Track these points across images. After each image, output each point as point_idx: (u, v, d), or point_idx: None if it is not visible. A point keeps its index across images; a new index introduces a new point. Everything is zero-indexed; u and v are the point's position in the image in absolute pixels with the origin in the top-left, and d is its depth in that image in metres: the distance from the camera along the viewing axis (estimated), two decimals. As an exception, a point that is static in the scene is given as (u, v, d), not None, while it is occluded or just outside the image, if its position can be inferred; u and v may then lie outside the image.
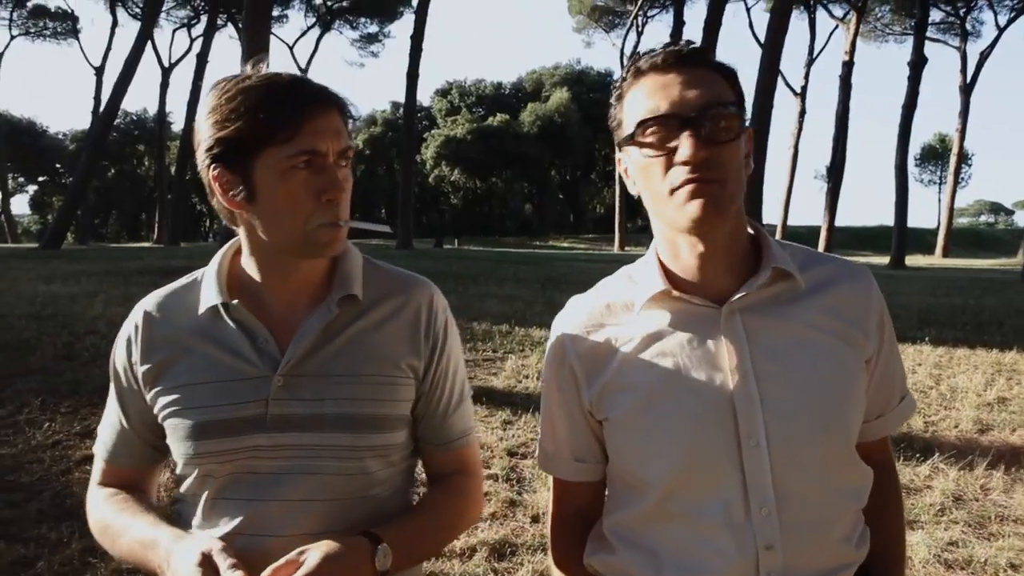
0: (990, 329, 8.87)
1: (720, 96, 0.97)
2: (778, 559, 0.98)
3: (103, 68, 36.41)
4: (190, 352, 1.07)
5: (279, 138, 0.97)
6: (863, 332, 1.04)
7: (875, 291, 1.07)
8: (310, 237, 1.01)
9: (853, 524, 1.05)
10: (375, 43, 43.55)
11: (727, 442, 0.99)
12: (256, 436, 1.03)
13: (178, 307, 1.11)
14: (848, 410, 1.02)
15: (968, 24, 36.48)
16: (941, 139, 66.83)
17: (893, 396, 1.12)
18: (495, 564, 3.08)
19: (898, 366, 1.13)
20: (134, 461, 1.16)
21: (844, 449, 1.02)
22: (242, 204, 1.02)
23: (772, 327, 1.02)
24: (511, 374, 6.32)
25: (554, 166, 58.93)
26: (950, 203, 36.50)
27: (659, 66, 0.98)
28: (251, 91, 0.98)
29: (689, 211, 0.95)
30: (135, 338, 1.11)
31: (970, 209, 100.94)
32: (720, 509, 0.99)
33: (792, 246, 1.11)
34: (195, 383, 1.05)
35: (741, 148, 0.99)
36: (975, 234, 56.48)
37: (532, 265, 18.61)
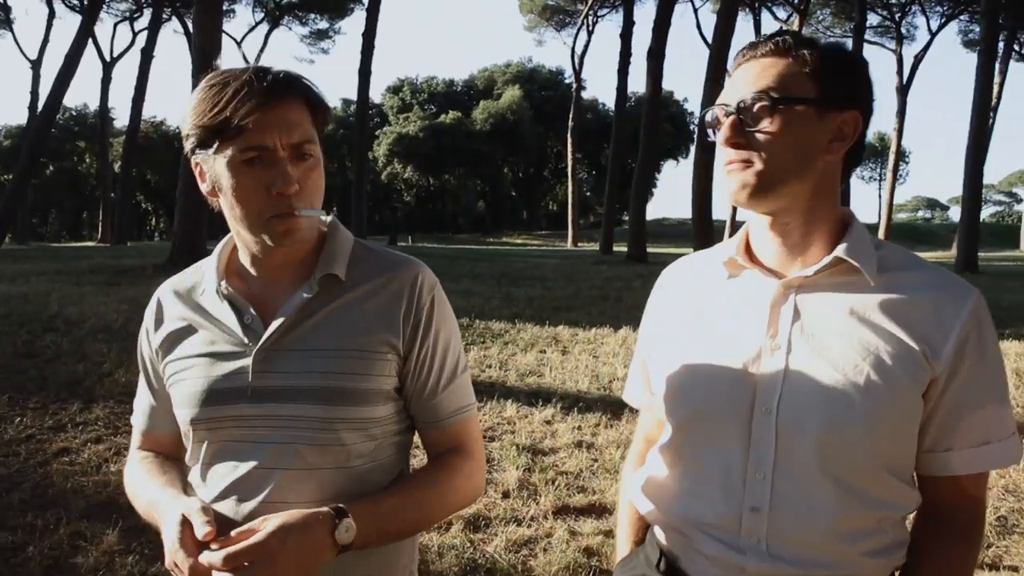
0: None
1: (764, 87, 1.02)
2: (762, 525, 1.02)
3: (40, 61, 35.09)
4: (192, 328, 1.17)
5: (228, 135, 1.03)
6: (931, 348, 1.00)
7: (967, 314, 1.00)
8: (265, 228, 1.07)
9: (860, 527, 1.02)
10: (325, 39, 43.08)
11: (742, 402, 1.05)
12: (239, 406, 1.10)
13: (187, 290, 1.22)
14: (868, 414, 0.99)
15: (903, 28, 37.93)
16: (880, 138, 69.14)
17: (968, 434, 1.03)
18: (471, 535, 3.28)
19: (988, 407, 1.03)
20: (163, 429, 1.26)
21: (859, 450, 1.00)
22: (214, 194, 1.11)
23: (823, 313, 1.04)
24: (474, 364, 6.51)
25: (507, 163, 59.20)
26: (889, 199, 37.93)
27: (741, 59, 1.08)
28: (211, 88, 1.04)
29: (729, 187, 1.06)
30: (152, 318, 1.23)
31: (908, 205, 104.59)
32: (720, 460, 1.06)
33: (896, 247, 1.10)
34: (192, 355, 1.15)
35: (790, 133, 1.01)
36: (913, 229, 58.74)
37: (487, 261, 18.80)
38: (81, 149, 54.43)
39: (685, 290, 1.21)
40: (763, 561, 1.03)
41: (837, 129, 1.04)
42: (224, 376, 1.11)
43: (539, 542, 3.23)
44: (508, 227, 57.73)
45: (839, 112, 1.03)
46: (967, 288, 1.03)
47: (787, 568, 1.03)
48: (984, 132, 20.63)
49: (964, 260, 19.64)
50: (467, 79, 62.64)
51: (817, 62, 1.02)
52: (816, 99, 1.02)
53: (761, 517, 1.03)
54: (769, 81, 1.02)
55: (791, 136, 1.02)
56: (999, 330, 5.43)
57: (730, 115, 1.04)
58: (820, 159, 1.04)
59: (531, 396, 5.48)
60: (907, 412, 1.01)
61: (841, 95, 1.03)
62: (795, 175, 1.03)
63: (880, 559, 1.04)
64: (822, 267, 1.05)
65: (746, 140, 1.03)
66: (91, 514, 3.37)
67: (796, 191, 1.04)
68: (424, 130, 51.83)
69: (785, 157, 1.02)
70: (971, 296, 1.02)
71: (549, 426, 4.83)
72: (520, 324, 8.50)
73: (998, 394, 1.04)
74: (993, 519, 3.47)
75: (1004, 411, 1.05)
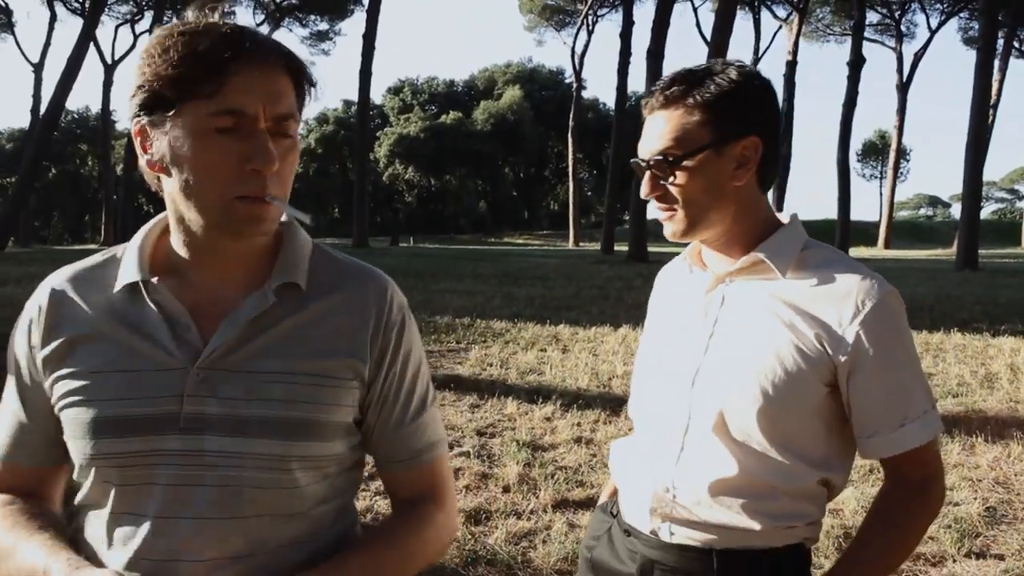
0: (921, 313, 9.46)
1: (664, 145, 1.15)
2: (669, 476, 1.19)
3: (42, 64, 35.27)
4: (98, 335, 0.91)
5: (202, 92, 0.82)
6: (832, 341, 1.10)
7: (872, 307, 1.09)
8: (227, 211, 0.86)
9: (752, 491, 1.14)
10: (326, 41, 43.23)
11: (672, 375, 1.23)
12: (166, 438, 0.88)
13: (90, 284, 0.95)
14: (761, 393, 1.11)
15: (903, 26, 38.07)
16: (881, 135, 69.23)
17: (887, 420, 1.11)
18: (472, 528, 3.36)
19: (897, 391, 1.11)
20: (36, 460, 0.98)
21: (756, 421, 1.12)
22: (161, 167, 0.88)
23: (743, 302, 1.19)
24: (475, 363, 6.60)
25: (507, 163, 59.35)
26: (890, 197, 38.05)
27: (644, 109, 1.22)
28: (182, 36, 0.84)
29: (665, 230, 1.21)
30: (38, 318, 0.94)
31: (910, 202, 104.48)
32: (656, 421, 1.26)
33: (826, 249, 1.20)
34: (100, 371, 0.90)
35: (698, 178, 1.15)
36: (914, 226, 58.82)
37: (489, 261, 18.88)
38: (83, 152, 54.72)
39: (661, 286, 1.42)
40: (666, 505, 1.19)
41: (739, 156, 1.16)
42: (146, 399, 0.88)
43: (539, 534, 3.31)
44: (509, 227, 57.80)
45: (738, 140, 1.15)
46: (879, 285, 1.12)
47: (683, 512, 1.18)
48: (984, 129, 20.69)
49: (965, 257, 19.69)
50: (467, 79, 62.87)
51: (705, 106, 1.14)
52: (711, 143, 1.14)
53: (668, 468, 1.20)
54: (667, 138, 1.15)
55: (698, 182, 1.15)
56: (993, 326, 5.55)
57: (646, 171, 1.19)
58: (729, 187, 1.17)
59: (532, 393, 5.57)
60: (804, 397, 1.12)
61: (734, 127, 1.15)
62: (714, 210, 1.17)
63: (772, 524, 1.14)
64: (742, 265, 1.19)
65: (664, 191, 1.18)
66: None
67: (719, 219, 1.19)
68: (425, 131, 51.97)
69: (699, 200, 1.17)
70: (877, 292, 1.11)
71: (549, 423, 4.92)
72: (521, 323, 8.58)
73: (906, 376, 1.12)
74: (982, 509, 3.55)
75: (915, 392, 1.13)
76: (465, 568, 3.01)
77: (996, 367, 6.57)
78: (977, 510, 3.51)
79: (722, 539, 1.16)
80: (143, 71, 0.85)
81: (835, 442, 1.16)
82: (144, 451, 0.88)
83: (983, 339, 7.81)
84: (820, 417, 1.14)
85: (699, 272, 1.28)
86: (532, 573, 2.98)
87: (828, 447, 1.16)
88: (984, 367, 6.62)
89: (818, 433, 1.15)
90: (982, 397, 5.63)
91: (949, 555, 3.13)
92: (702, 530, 1.17)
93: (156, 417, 0.88)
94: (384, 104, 59.94)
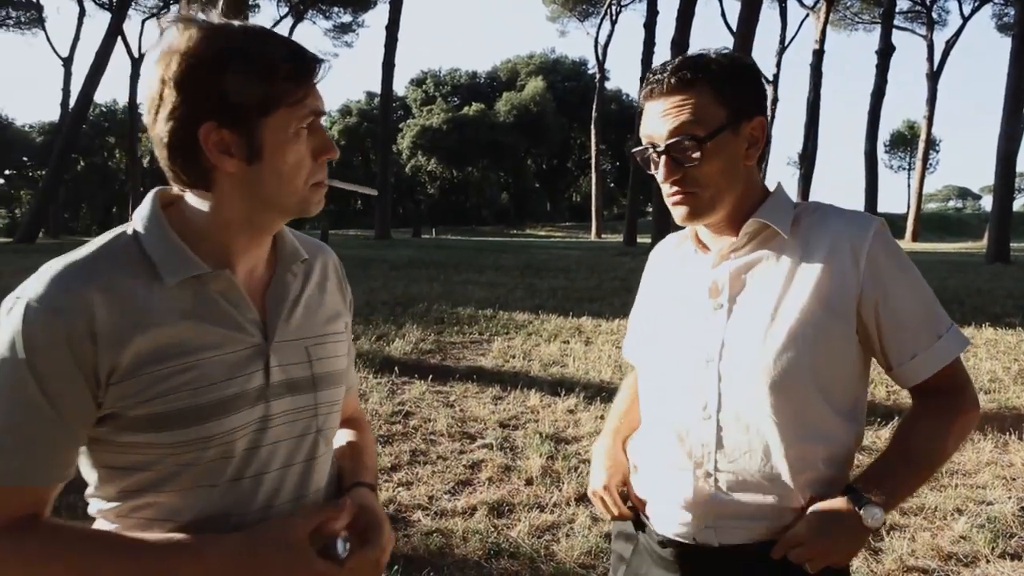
0: (951, 307, 9.32)
1: (685, 127, 1.15)
2: (711, 459, 1.18)
3: (71, 59, 35.83)
4: (169, 326, 0.93)
5: (293, 98, 0.92)
6: (847, 277, 1.13)
7: (871, 242, 1.14)
8: (305, 197, 0.98)
9: (797, 460, 1.14)
10: (349, 33, 43.40)
11: (691, 356, 1.22)
12: (252, 410, 0.98)
13: (136, 279, 0.93)
14: (795, 355, 1.12)
15: (934, 13, 37.32)
16: (910, 126, 68.03)
17: (923, 336, 1.16)
18: (495, 521, 3.35)
19: (921, 309, 1.17)
20: (54, 474, 0.91)
21: (791, 377, 1.13)
22: (237, 164, 0.93)
23: (753, 272, 1.21)
24: (498, 355, 6.59)
25: (530, 155, 59.17)
26: (919, 188, 37.33)
27: (650, 95, 1.20)
28: (261, 45, 0.91)
29: (676, 214, 1.22)
30: (92, 318, 0.88)
31: (939, 194, 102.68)
32: (677, 406, 1.24)
33: (808, 205, 1.25)
34: (185, 361, 0.93)
35: (718, 159, 1.16)
36: (943, 218, 57.71)
37: (511, 253, 18.86)
38: (111, 145, 55.48)
39: (658, 267, 1.44)
40: (711, 492, 1.18)
41: (750, 136, 1.20)
42: (241, 378, 0.97)
43: (562, 527, 3.29)
44: (531, 219, 57.71)
45: (748, 121, 1.19)
46: (867, 218, 1.19)
47: (728, 502, 1.17)
48: (1017, 119, 20.19)
49: (996, 250, 19.28)
50: (490, 71, 62.66)
51: (718, 86, 1.16)
52: (728, 121, 1.16)
53: (710, 453, 1.19)
54: (688, 119, 1.15)
55: (720, 163, 1.17)
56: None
57: (662, 155, 1.18)
58: (742, 167, 1.20)
59: (554, 386, 5.54)
60: (836, 344, 1.15)
61: (745, 106, 1.18)
62: (729, 191, 1.20)
63: (817, 490, 1.16)
64: (746, 232, 1.21)
65: (683, 174, 1.18)
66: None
67: (730, 199, 1.21)
68: (447, 122, 51.97)
69: (720, 182, 1.18)
70: (872, 223, 1.17)
71: (572, 415, 4.89)
72: (543, 315, 8.56)
73: (925, 293, 1.19)
74: (1016, 509, 3.46)
75: (936, 305, 1.19)
76: (488, 561, 3.00)
77: (1030, 362, 6.42)
78: (1011, 510, 3.43)
79: (769, 526, 1.16)
80: (214, 78, 0.89)
81: (859, 389, 1.21)
82: (243, 424, 0.97)
83: (1016, 334, 7.66)
84: (850, 362, 1.17)
85: (700, 253, 1.30)
86: (555, 566, 2.96)
87: (856, 395, 1.20)
88: (1017, 363, 6.48)
89: (849, 380, 1.18)
90: (1016, 394, 5.51)
91: (982, 555, 3.06)
92: (748, 523, 1.17)
93: (250, 391, 0.98)
94: (407, 96, 60.00)
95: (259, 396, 0.99)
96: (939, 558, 3.04)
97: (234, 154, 0.92)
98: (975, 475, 3.94)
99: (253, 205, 0.97)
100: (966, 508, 3.49)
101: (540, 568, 2.95)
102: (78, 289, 0.88)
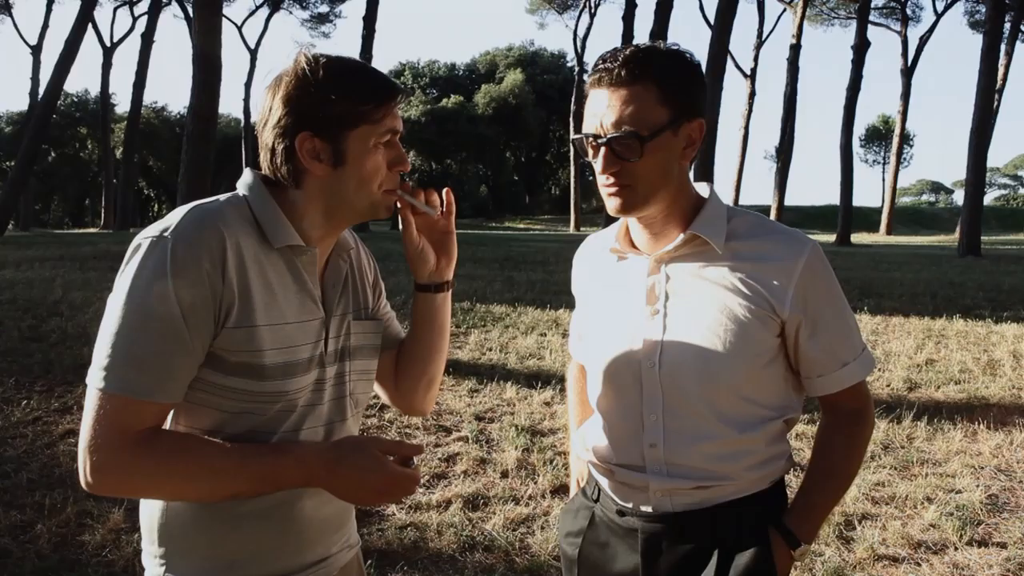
0: (923, 300, 9.45)
1: (628, 123, 1.16)
2: (660, 456, 1.28)
3: (40, 47, 34.95)
4: (271, 287, 1.10)
5: (374, 117, 1.12)
6: (775, 299, 1.21)
7: (803, 267, 1.21)
8: (378, 201, 1.17)
9: (736, 449, 1.26)
10: (326, 23, 42.93)
11: (633, 361, 1.29)
12: (312, 373, 1.16)
13: (249, 237, 1.10)
14: (731, 358, 1.21)
15: (908, 9, 37.62)
16: (884, 120, 68.79)
17: (830, 362, 1.26)
18: (470, 514, 3.34)
19: (836, 337, 1.26)
20: (177, 394, 1.05)
21: (725, 384, 1.23)
22: (325, 168, 1.12)
23: (687, 280, 1.26)
24: (475, 347, 6.57)
25: (509, 148, 59.02)
26: (893, 183, 37.74)
27: (598, 83, 1.20)
28: (355, 75, 1.12)
29: (609, 205, 1.24)
30: (226, 256, 1.04)
31: (913, 188, 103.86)
32: (624, 409, 1.31)
33: (746, 215, 1.30)
34: (278, 323, 1.10)
35: (656, 157, 1.19)
36: (917, 212, 58.57)
37: (489, 246, 18.83)
38: (83, 135, 54.36)
39: (589, 270, 1.46)
40: (663, 480, 1.28)
41: (688, 137, 1.23)
42: (312, 344, 1.16)
43: (537, 520, 3.29)
44: (510, 212, 57.59)
45: (689, 122, 1.22)
46: (801, 245, 1.24)
47: (683, 482, 1.27)
48: (988, 115, 20.51)
49: (967, 244, 19.60)
50: (469, 63, 62.30)
51: (664, 86, 1.18)
52: (669, 121, 1.19)
53: (658, 451, 1.28)
54: (630, 115, 1.17)
55: (657, 161, 1.20)
56: (996, 313, 5.56)
57: (602, 146, 1.20)
58: (676, 166, 1.24)
59: (531, 378, 5.54)
60: (762, 354, 1.24)
61: (687, 107, 1.21)
62: (662, 188, 1.23)
63: (757, 472, 1.29)
64: (679, 243, 1.26)
65: (620, 167, 1.21)
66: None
67: (663, 197, 1.25)
68: (426, 115, 51.64)
69: (655, 180, 1.22)
70: (804, 251, 1.23)
71: (548, 407, 4.89)
72: (521, 307, 8.55)
73: (843, 324, 1.28)
74: (984, 497, 3.52)
75: (852, 335, 1.30)
76: (462, 554, 2.99)
77: (998, 354, 6.54)
78: (979, 498, 3.49)
79: (717, 495, 1.27)
80: (315, 98, 1.09)
81: (791, 386, 1.32)
82: (305, 385, 1.15)
83: (986, 326, 7.77)
84: (777, 366, 1.28)
85: (633, 256, 1.33)
86: (530, 559, 2.95)
87: (787, 392, 1.31)
88: (987, 354, 6.58)
89: (777, 381, 1.29)
90: (984, 384, 5.60)
91: (951, 543, 3.11)
92: (703, 493, 1.27)
93: (315, 357, 1.16)
94: (385, 88, 59.39)
95: (318, 362, 1.17)
96: (909, 546, 3.08)
97: (323, 160, 1.12)
98: (945, 464, 4.00)
99: (333, 203, 1.15)
100: (936, 497, 3.54)
101: (515, 561, 2.95)
102: (216, 227, 1.05)
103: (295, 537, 1.18)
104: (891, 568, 2.94)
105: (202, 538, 1.12)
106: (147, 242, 1.03)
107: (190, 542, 1.12)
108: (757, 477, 1.29)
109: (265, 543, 1.15)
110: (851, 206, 28.90)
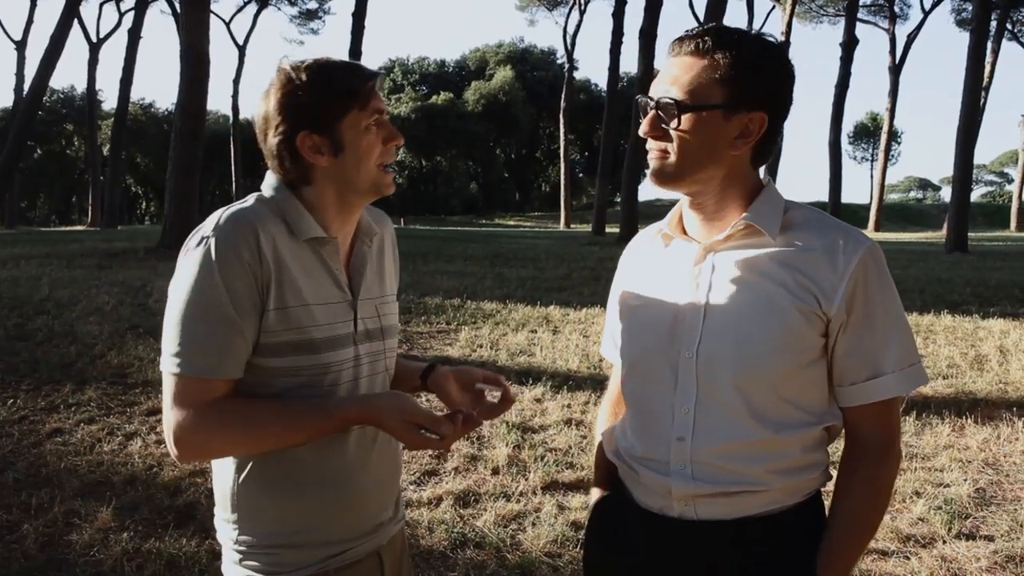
0: (911, 295, 9.49)
1: (675, 89, 1.15)
2: (686, 452, 1.21)
3: (25, 42, 34.54)
4: (302, 273, 1.23)
5: (360, 103, 1.23)
6: (823, 296, 1.15)
7: (857, 265, 1.15)
8: (379, 178, 1.27)
9: (766, 450, 1.18)
10: (315, 20, 42.71)
11: (671, 350, 1.23)
12: (349, 349, 1.28)
13: (279, 230, 1.22)
14: (770, 353, 1.15)
15: (896, 7, 37.85)
16: (872, 117, 69.13)
17: (862, 370, 1.17)
18: (461, 511, 3.33)
19: (875, 344, 1.17)
20: (237, 370, 1.20)
21: (763, 380, 1.17)
22: (327, 159, 1.24)
23: (735, 270, 1.20)
24: (465, 344, 6.56)
25: (499, 144, 59.02)
26: (881, 179, 37.95)
27: (670, 51, 1.21)
28: (333, 71, 1.23)
29: (651, 170, 1.22)
30: (261, 246, 1.18)
31: (900, 185, 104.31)
32: (657, 400, 1.25)
33: (805, 208, 1.24)
34: (312, 304, 1.23)
35: (697, 133, 1.15)
36: (905, 209, 58.92)
37: (480, 243, 18.81)
38: (69, 132, 53.90)
39: (636, 260, 1.42)
40: (686, 483, 1.21)
41: (743, 127, 1.18)
42: (343, 323, 1.27)
43: (528, 516, 3.29)
44: (501, 209, 57.53)
45: (746, 113, 1.17)
46: (858, 242, 1.17)
47: (706, 487, 1.20)
48: (975, 112, 20.64)
49: (955, 240, 19.72)
50: (459, 59, 62.29)
51: (729, 68, 1.14)
52: (722, 104, 1.15)
53: (684, 446, 1.21)
54: (682, 85, 1.16)
55: (698, 135, 1.16)
56: (983, 308, 5.56)
57: (650, 109, 1.19)
58: (726, 153, 1.19)
59: (522, 375, 5.53)
60: (804, 352, 1.18)
61: (748, 98, 1.16)
62: (702, 167, 1.19)
63: (788, 479, 1.21)
64: (731, 231, 1.21)
65: (662, 133, 1.18)
66: (85, 493, 3.40)
67: (705, 178, 1.20)
68: (416, 111, 51.53)
69: (693, 152, 1.17)
70: (860, 249, 1.16)
71: (539, 404, 4.89)
72: (511, 304, 8.54)
73: (891, 331, 1.18)
74: (972, 491, 3.55)
75: (899, 346, 1.19)
76: (453, 551, 2.98)
77: (986, 349, 6.58)
78: (967, 491, 3.51)
79: (748, 506, 1.20)
80: (304, 100, 1.21)
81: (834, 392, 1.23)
82: (340, 360, 1.26)
83: (973, 321, 7.83)
84: (820, 368, 1.20)
85: (681, 243, 1.29)
86: (522, 556, 2.95)
87: (828, 397, 1.22)
88: (974, 349, 6.63)
89: (819, 384, 1.21)
90: (972, 379, 5.64)
91: (939, 536, 3.13)
92: (727, 502, 1.20)
93: (349, 335, 1.28)
94: (374, 84, 59.22)
95: (352, 340, 1.28)
96: (898, 540, 3.10)
97: (324, 152, 1.23)
98: (933, 458, 4.03)
99: (341, 189, 1.27)
100: (924, 491, 3.56)
101: (506, 558, 2.94)
102: (251, 222, 1.19)
103: (353, 505, 1.30)
104: (880, 562, 2.95)
105: (269, 502, 1.25)
106: (194, 245, 1.18)
107: (260, 507, 1.26)
108: (788, 486, 1.20)
109: (327, 509, 1.27)
110: (840, 203, 29.10)
